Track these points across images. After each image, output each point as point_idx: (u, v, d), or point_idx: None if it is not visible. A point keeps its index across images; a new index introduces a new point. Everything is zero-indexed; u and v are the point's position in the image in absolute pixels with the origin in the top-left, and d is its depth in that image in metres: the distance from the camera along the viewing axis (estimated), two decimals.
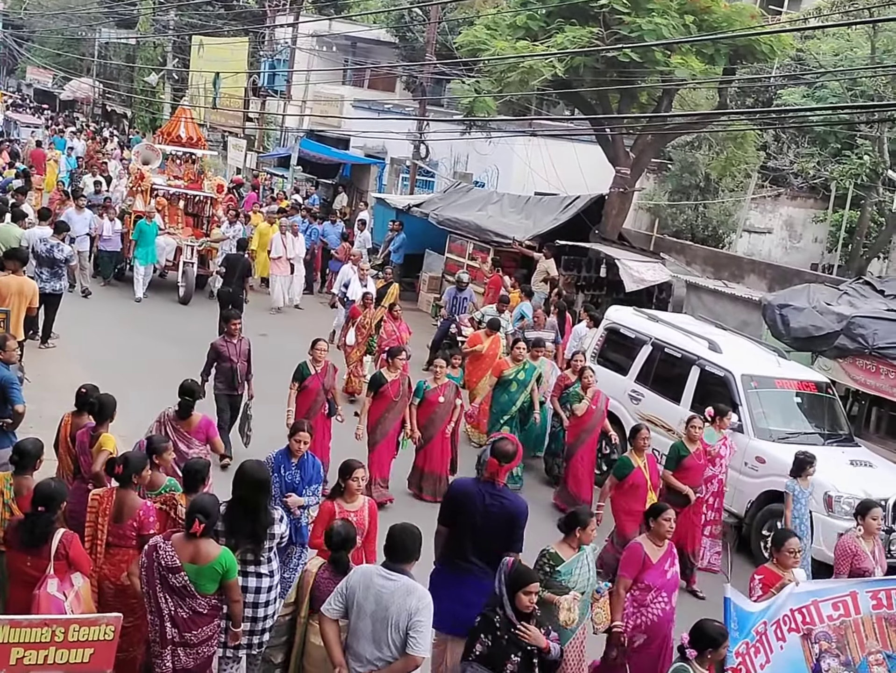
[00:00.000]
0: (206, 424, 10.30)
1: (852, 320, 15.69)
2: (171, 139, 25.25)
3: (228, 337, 13.67)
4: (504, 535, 8.23)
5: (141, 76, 52.63)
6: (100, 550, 7.85)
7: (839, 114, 22.76)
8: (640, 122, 23.97)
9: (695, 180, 29.03)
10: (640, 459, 11.35)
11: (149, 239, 22.67)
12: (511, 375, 14.62)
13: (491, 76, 23.21)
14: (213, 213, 24.79)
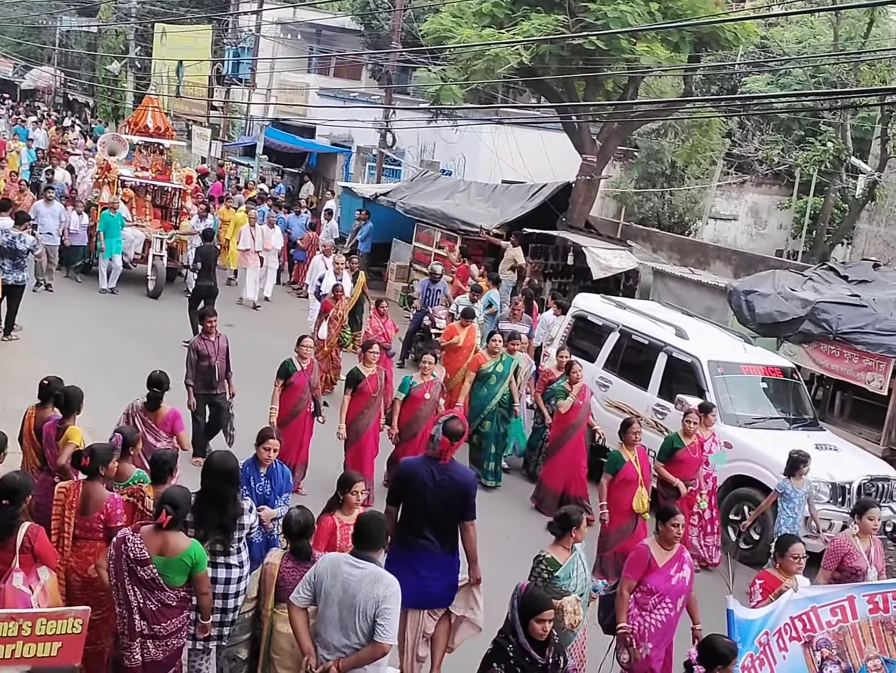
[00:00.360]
0: (173, 417, 10.24)
1: (817, 306, 15.81)
2: (139, 129, 24.84)
3: (205, 335, 13.26)
4: (457, 507, 8.42)
5: (103, 65, 52.19)
6: (67, 542, 7.80)
7: (803, 101, 22.88)
8: (606, 110, 24.02)
9: (661, 168, 29.16)
10: (630, 453, 11.18)
11: (114, 230, 22.33)
12: (489, 369, 14.28)
13: (457, 64, 23.18)
14: (182, 205, 24.35)
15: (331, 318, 17.21)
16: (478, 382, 14.31)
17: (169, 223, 24.12)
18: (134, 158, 24.53)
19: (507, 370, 14.29)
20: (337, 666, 6.54)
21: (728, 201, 31.50)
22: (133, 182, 23.83)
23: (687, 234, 28.75)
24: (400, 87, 35.42)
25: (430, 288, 20.34)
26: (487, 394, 14.23)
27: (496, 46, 21.33)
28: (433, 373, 13.27)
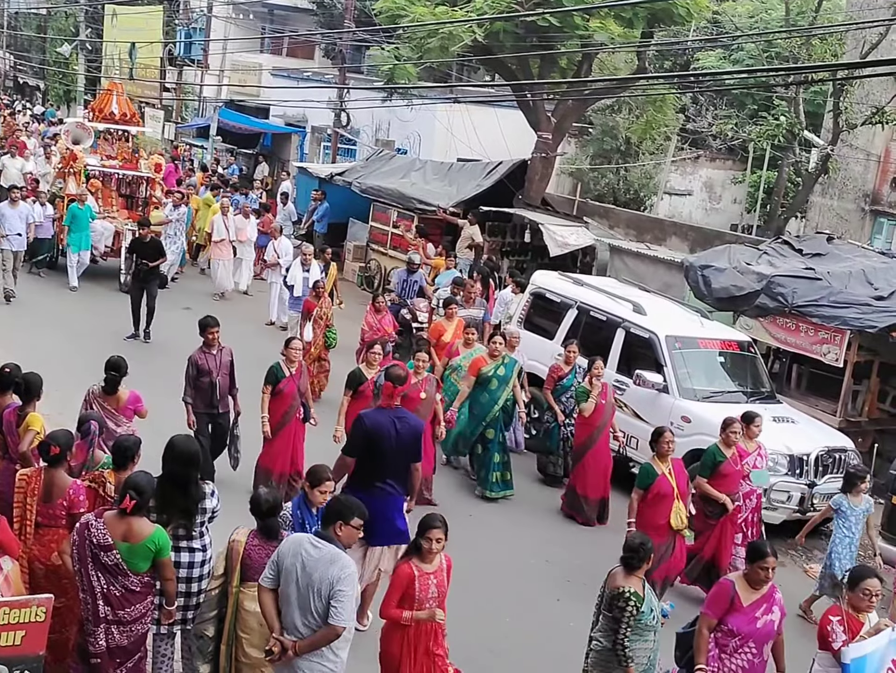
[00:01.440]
0: (133, 400, 10.16)
1: (772, 280, 15.92)
2: (104, 116, 23.62)
3: (206, 348, 12.08)
4: (411, 451, 9.35)
5: (53, 47, 51.50)
6: (29, 530, 7.75)
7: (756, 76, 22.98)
8: (561, 87, 24.04)
9: (616, 144, 29.24)
10: (664, 465, 10.31)
11: (82, 224, 21.25)
12: (490, 373, 13.34)
13: (411, 43, 23.12)
14: (151, 194, 23.17)
15: (315, 319, 16.24)
16: (478, 387, 13.38)
17: (137, 213, 22.75)
18: (99, 147, 23.50)
19: (509, 373, 13.42)
20: (294, 649, 6.55)
21: (683, 177, 31.65)
22: (99, 171, 22.75)
23: (643, 210, 28.85)
24: (354, 66, 35.25)
25: (408, 279, 19.14)
26: (489, 399, 13.34)
27: (450, 24, 21.29)
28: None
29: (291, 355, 12.00)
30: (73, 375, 14.27)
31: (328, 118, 31.78)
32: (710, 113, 30.35)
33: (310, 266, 18.27)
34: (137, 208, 23.17)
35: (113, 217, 22.48)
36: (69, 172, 22.39)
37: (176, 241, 22.63)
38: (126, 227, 21.78)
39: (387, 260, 24.30)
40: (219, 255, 22.61)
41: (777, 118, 26.79)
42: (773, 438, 13.01)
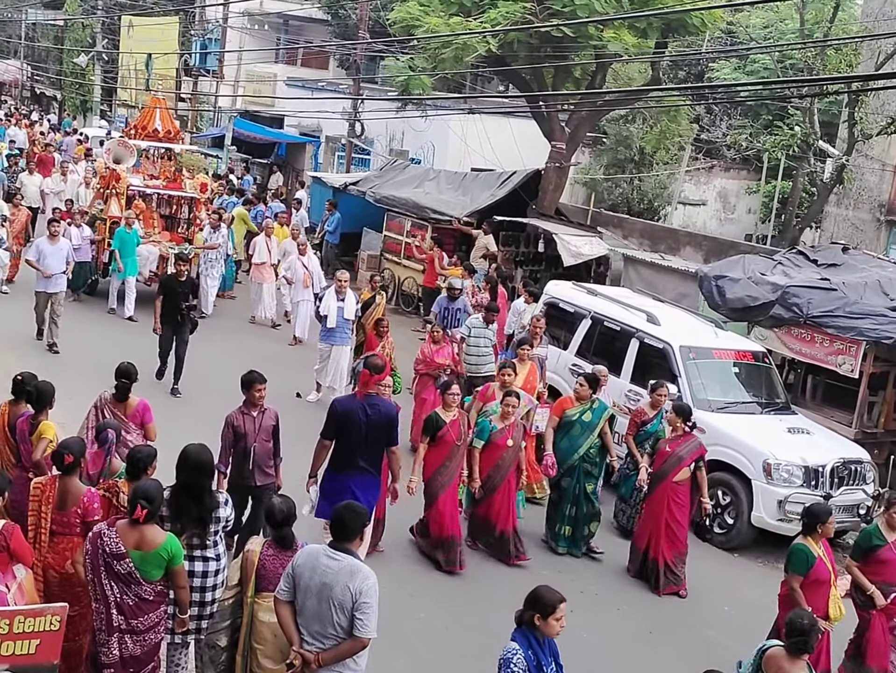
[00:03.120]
0: (142, 409, 10.13)
1: (787, 290, 15.86)
2: (147, 134, 22.21)
3: (247, 407, 10.20)
4: (385, 435, 9.78)
5: (70, 58, 51.73)
6: (43, 539, 7.74)
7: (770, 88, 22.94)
8: (575, 97, 24.04)
9: (629, 154, 29.24)
10: (817, 545, 9.06)
11: (130, 249, 19.96)
12: (574, 417, 12.12)
13: (425, 53, 23.14)
14: (196, 215, 21.91)
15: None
16: (559, 431, 12.22)
17: (178, 235, 21.73)
18: (142, 166, 22.40)
19: (596, 419, 12.10)
20: (317, 660, 6.52)
21: (697, 186, 31.62)
22: (142, 192, 21.50)
23: (657, 220, 28.83)
24: (368, 76, 35.34)
25: (449, 307, 17.33)
26: (569, 446, 12.11)
27: (464, 35, 21.30)
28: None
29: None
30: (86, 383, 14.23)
31: (342, 128, 31.81)
32: (725, 123, 30.33)
33: (345, 294, 16.25)
34: (178, 230, 22.08)
35: (157, 241, 21.22)
36: (112, 193, 21.26)
37: (216, 265, 21.24)
38: (172, 251, 20.40)
39: (400, 269, 24.30)
40: (260, 279, 21.38)
41: (792, 128, 26.78)
42: (788, 449, 12.98)
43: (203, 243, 21.17)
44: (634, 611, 11.01)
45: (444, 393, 11.34)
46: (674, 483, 11.39)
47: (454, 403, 11.26)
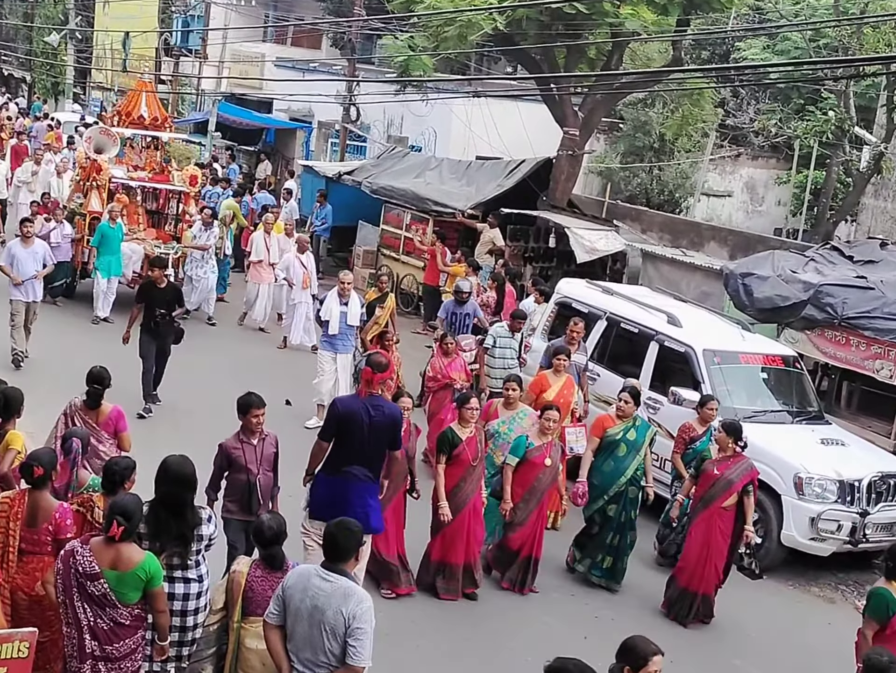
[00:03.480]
0: (116, 416, 10.15)
1: (820, 289, 15.86)
2: (131, 121, 21.75)
3: (245, 435, 9.86)
4: (388, 438, 9.79)
5: (40, 36, 51.75)
6: (12, 558, 7.73)
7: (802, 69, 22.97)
8: (589, 79, 24.05)
9: (649, 141, 29.22)
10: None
11: (114, 246, 19.61)
12: (618, 435, 11.80)
13: (426, 31, 23.14)
14: (185, 210, 21.52)
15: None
16: (601, 453, 11.87)
17: (165, 233, 21.39)
18: (125, 156, 21.92)
19: (641, 438, 11.87)
20: None
21: (722, 176, 31.61)
22: (127, 185, 21.08)
23: (678, 213, 28.82)
24: (364, 57, 35.36)
25: (457, 312, 16.78)
26: (614, 468, 11.75)
27: (469, 12, 21.31)
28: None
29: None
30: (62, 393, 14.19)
31: (336, 113, 31.82)
32: (752, 107, 30.32)
33: (349, 298, 15.88)
34: (166, 227, 21.75)
35: (141, 239, 20.87)
36: (92, 186, 20.81)
37: (203, 265, 20.88)
38: (158, 250, 20.20)
39: (399, 266, 24.31)
40: (257, 279, 21.17)
41: (825, 113, 26.77)
42: (820, 461, 12.97)
43: (192, 241, 20.85)
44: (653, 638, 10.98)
45: (462, 407, 11.12)
46: (721, 509, 11.15)
47: (472, 418, 11.06)
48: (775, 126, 29.08)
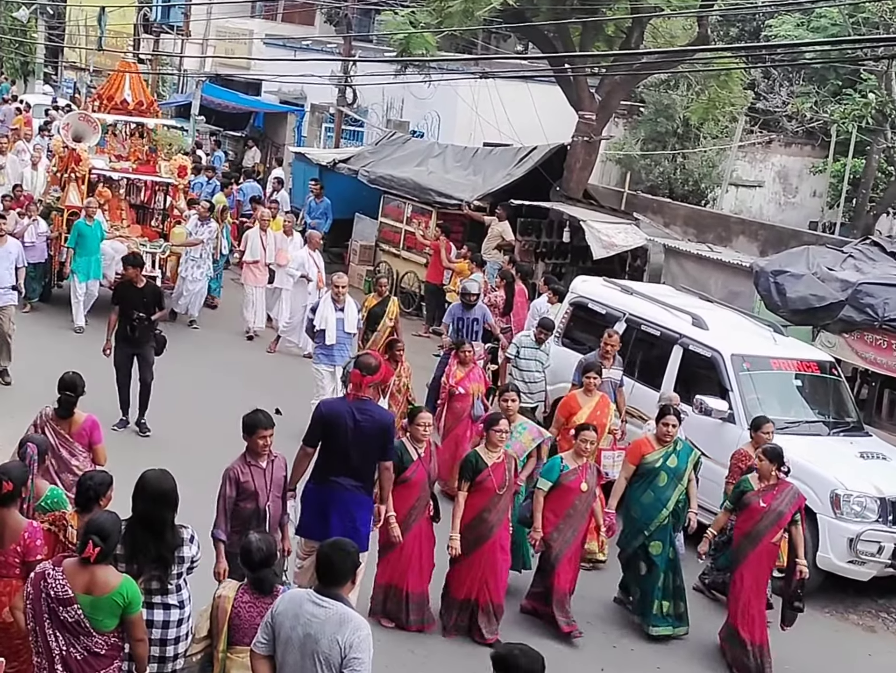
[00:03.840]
0: (90, 426, 10.15)
1: (859, 288, 15.86)
2: (113, 105, 21.31)
3: (253, 458, 9.40)
4: (377, 446, 9.95)
5: (9, 12, 51.83)
6: None
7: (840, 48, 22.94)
8: (607, 59, 24.03)
9: (672, 126, 29.21)
10: None
11: (91, 246, 19.27)
12: (658, 463, 11.41)
13: (429, 6, 23.14)
14: (173, 205, 21.09)
15: (392, 393, 14.41)
16: (639, 481, 11.50)
17: (151, 229, 21.06)
18: (107, 144, 21.48)
19: (683, 464, 11.50)
20: None
21: (752, 165, 31.57)
22: (109, 177, 20.67)
23: (704, 205, 28.81)
24: (361, 34, 35.37)
25: (464, 317, 16.68)
26: (655, 500, 11.37)
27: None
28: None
29: (419, 433, 10.63)
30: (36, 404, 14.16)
31: (331, 95, 31.84)
32: (785, 90, 30.27)
33: (344, 303, 15.59)
34: (152, 222, 21.47)
35: (125, 236, 20.42)
36: (70, 178, 20.40)
37: (201, 265, 20.64)
38: (145, 250, 19.60)
39: (399, 263, 24.34)
40: (252, 281, 20.92)
41: (865, 96, 26.72)
42: (859, 476, 12.96)
43: (187, 238, 20.48)
44: (677, 669, 10.99)
45: (490, 429, 10.74)
46: (771, 545, 10.97)
47: (501, 442, 10.74)
48: (810, 110, 29.05)
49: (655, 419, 11.86)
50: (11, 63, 54.74)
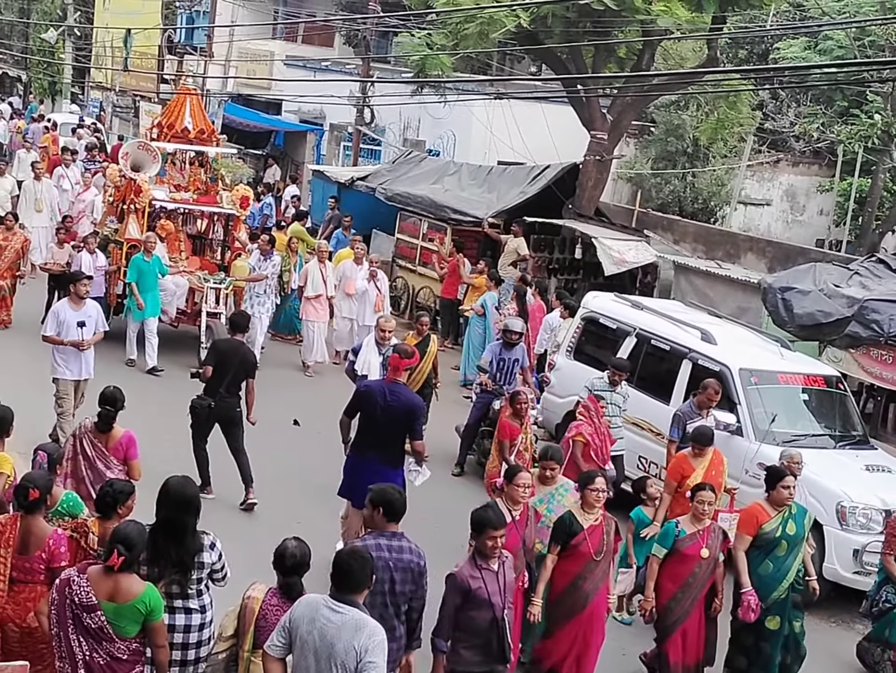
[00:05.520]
0: (127, 442, 10.16)
1: (865, 304, 15.83)
2: (174, 134, 20.04)
3: (483, 560, 8.16)
4: (405, 424, 11.04)
5: (37, 33, 52.08)
6: (2, 587, 7.74)
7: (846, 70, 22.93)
8: (619, 81, 24.04)
9: (682, 146, 29.18)
10: None
11: (149, 282, 18.08)
12: (777, 532, 10.27)
13: (445, 28, 23.18)
14: (234, 237, 20.05)
15: (519, 451, 13.16)
16: (755, 551, 10.31)
17: (210, 262, 20.07)
18: (167, 174, 20.44)
19: (801, 530, 10.38)
20: None
21: (760, 184, 31.53)
22: (168, 208, 19.71)
23: (713, 222, 28.77)
24: (379, 55, 35.45)
25: (505, 357, 15.39)
26: (775, 572, 10.30)
27: (490, 8, 21.34)
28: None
29: (517, 495, 9.34)
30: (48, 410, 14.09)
31: (349, 115, 31.91)
32: (793, 110, 30.26)
33: (389, 346, 13.97)
34: (211, 255, 20.57)
35: (188, 271, 19.42)
36: (130, 210, 19.20)
37: (264, 301, 19.59)
38: (210, 285, 18.74)
39: (415, 278, 24.33)
40: (313, 316, 19.64)
41: (871, 117, 26.69)
42: (865, 489, 12.91)
43: (249, 273, 19.36)
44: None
45: (586, 488, 9.62)
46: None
47: (598, 501, 9.58)
48: (817, 130, 29.02)
49: (767, 481, 10.57)
50: (40, 83, 54.96)
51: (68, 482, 9.29)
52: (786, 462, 11.36)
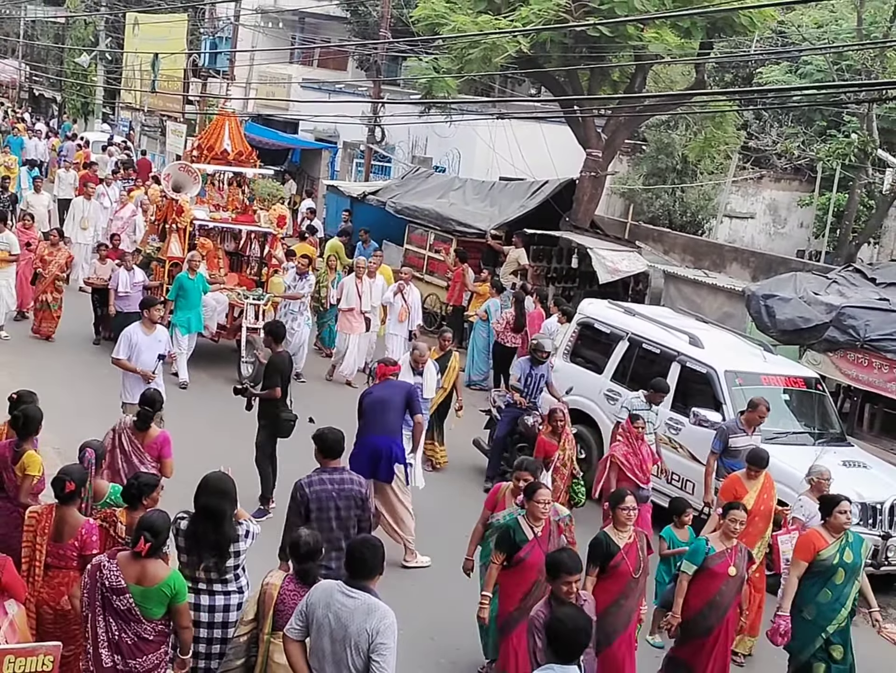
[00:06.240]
0: (162, 441, 10.16)
1: (842, 311, 15.80)
2: (213, 156, 19.61)
3: (557, 603, 7.61)
4: (401, 406, 11.95)
5: (71, 57, 52.19)
6: (38, 572, 7.76)
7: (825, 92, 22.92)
8: (613, 102, 24.05)
9: (671, 163, 29.19)
10: None
11: (193, 299, 17.56)
12: (834, 558, 9.57)
13: (451, 53, 23.18)
14: (271, 254, 19.68)
15: (556, 467, 12.64)
16: (813, 579, 9.64)
17: (248, 278, 19.76)
18: (207, 194, 19.92)
19: (858, 558, 9.67)
20: None
21: (744, 198, 31.53)
22: (209, 227, 19.35)
23: (700, 234, 28.78)
24: (389, 78, 35.48)
25: (532, 372, 14.72)
26: (833, 599, 9.60)
27: (493, 35, 21.35)
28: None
29: (537, 511, 8.91)
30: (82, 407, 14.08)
31: (361, 133, 31.94)
32: (775, 130, 30.27)
33: (423, 369, 13.82)
34: (248, 271, 20.15)
35: (229, 288, 19.02)
36: (172, 229, 18.91)
37: (297, 317, 18.97)
38: (250, 301, 18.34)
39: (423, 286, 24.30)
40: (347, 329, 19.15)
41: (848, 136, 26.71)
42: (843, 484, 12.86)
43: (284, 291, 19.08)
44: None
45: (617, 508, 8.99)
46: None
47: (629, 520, 8.94)
48: (798, 148, 29.02)
49: (822, 508, 9.89)
50: (73, 104, 55.09)
51: (105, 473, 9.29)
52: (815, 479, 10.78)
